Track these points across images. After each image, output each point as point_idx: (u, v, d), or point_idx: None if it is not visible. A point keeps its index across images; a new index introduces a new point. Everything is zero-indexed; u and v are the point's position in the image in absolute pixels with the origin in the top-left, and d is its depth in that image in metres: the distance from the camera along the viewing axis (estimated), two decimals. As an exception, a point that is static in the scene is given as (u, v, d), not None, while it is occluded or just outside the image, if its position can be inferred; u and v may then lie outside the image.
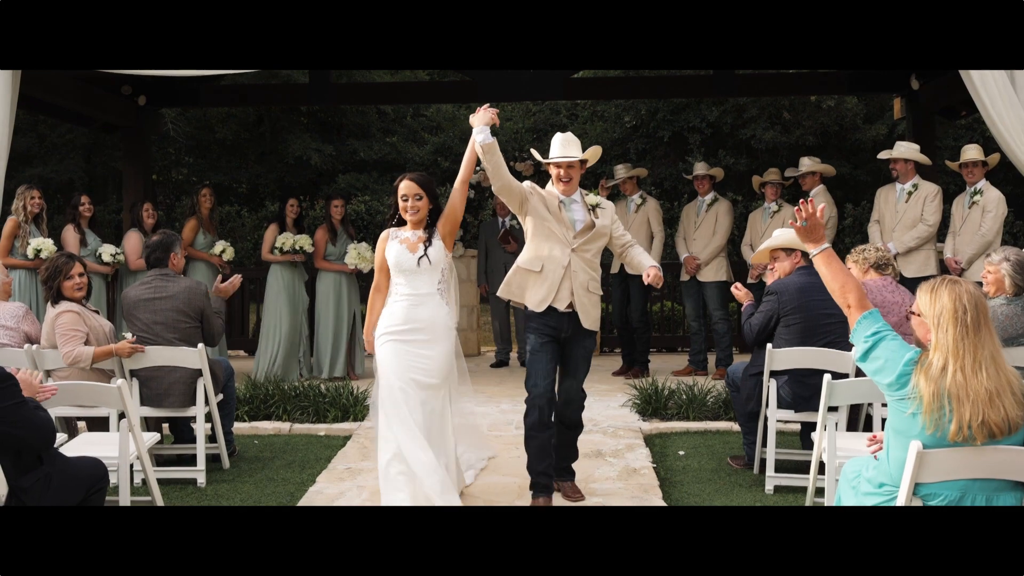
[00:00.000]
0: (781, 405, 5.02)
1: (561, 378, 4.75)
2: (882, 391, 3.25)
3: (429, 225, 4.55)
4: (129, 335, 5.22)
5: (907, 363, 3.12)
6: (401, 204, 4.52)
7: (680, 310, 9.93)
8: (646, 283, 4.58)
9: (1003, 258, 4.66)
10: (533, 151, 4.79)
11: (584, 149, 4.78)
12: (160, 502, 4.51)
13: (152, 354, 5.24)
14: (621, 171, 8.39)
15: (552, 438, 4.66)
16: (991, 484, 3.08)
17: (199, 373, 5.25)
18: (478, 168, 10.72)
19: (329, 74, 9.60)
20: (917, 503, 3.14)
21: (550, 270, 4.60)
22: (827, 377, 4.35)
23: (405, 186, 4.51)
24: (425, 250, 4.45)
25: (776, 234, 5.29)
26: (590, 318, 4.68)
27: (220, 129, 15.34)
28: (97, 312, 5.46)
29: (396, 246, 4.50)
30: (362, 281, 8.42)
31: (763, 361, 5.05)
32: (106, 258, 7.60)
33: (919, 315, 3.21)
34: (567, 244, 4.60)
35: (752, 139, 14.71)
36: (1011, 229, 15.47)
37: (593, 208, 4.71)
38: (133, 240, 7.88)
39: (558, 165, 4.67)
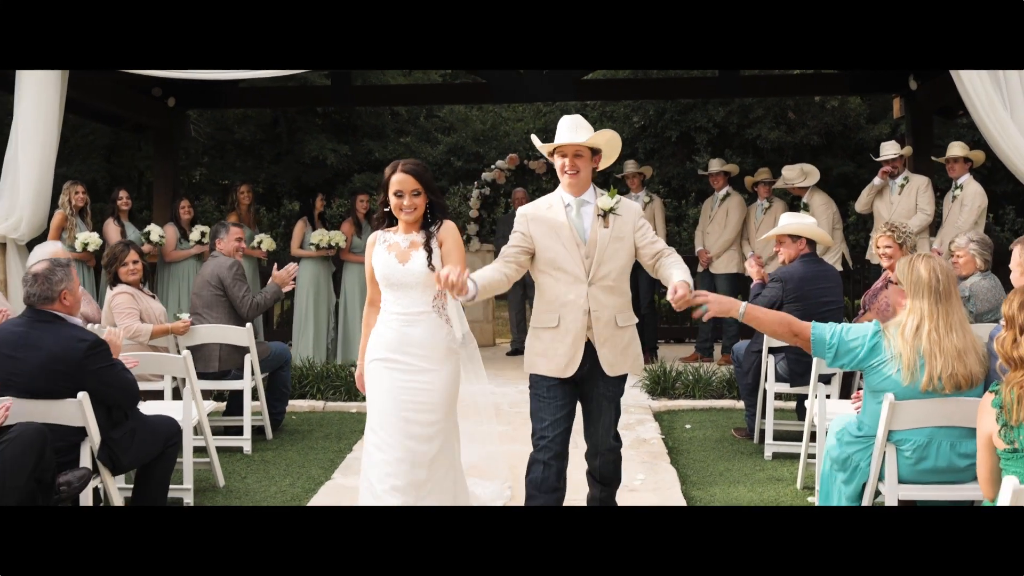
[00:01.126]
0: (778, 379, 5.56)
1: (584, 426, 3.95)
2: (861, 368, 3.78)
3: (426, 225, 3.80)
4: (185, 315, 5.84)
5: (873, 335, 3.69)
6: (394, 202, 3.73)
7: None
8: (670, 299, 3.52)
9: (968, 240, 5.21)
10: (534, 137, 4.06)
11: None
12: (217, 464, 5.09)
13: (203, 331, 5.84)
14: (630, 165, 8.93)
15: (562, 499, 3.87)
16: (954, 432, 3.63)
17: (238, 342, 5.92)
18: (492, 167, 11.25)
19: (349, 77, 10.16)
20: (891, 449, 3.69)
21: (569, 321, 3.74)
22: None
23: (400, 180, 3.71)
24: (429, 258, 3.72)
25: (783, 222, 5.78)
26: (616, 360, 3.81)
27: (238, 130, 15.90)
28: (154, 296, 6.05)
29: (383, 254, 3.76)
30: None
31: (763, 339, 5.59)
32: (154, 238, 8.17)
33: (897, 283, 3.77)
34: (582, 280, 3.73)
35: (758, 139, 15.21)
36: (1012, 226, 15.98)
37: (605, 214, 3.76)
38: (168, 233, 8.45)
39: (563, 153, 3.77)
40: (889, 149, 7.86)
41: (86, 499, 3.91)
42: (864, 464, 3.79)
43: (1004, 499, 2.72)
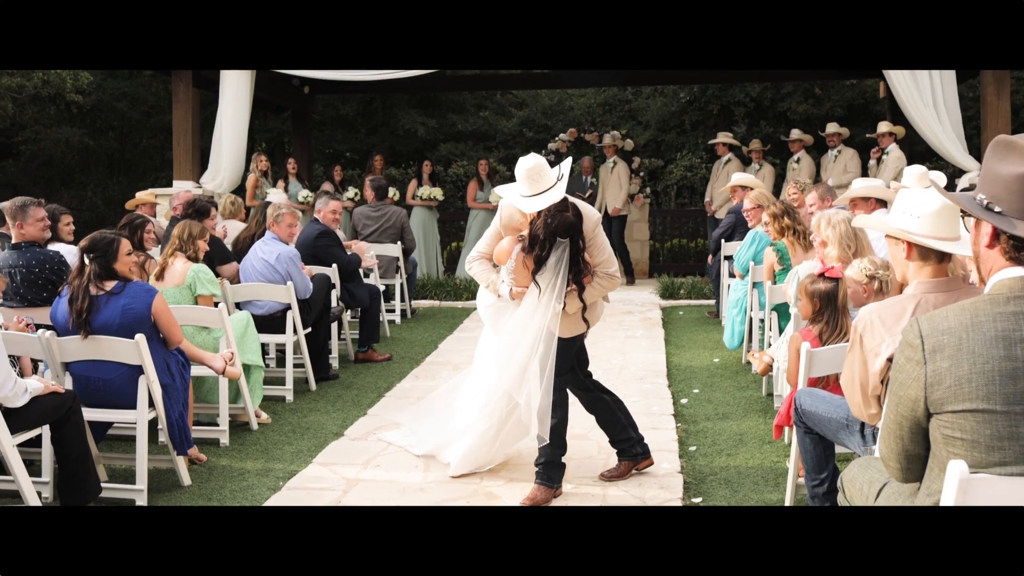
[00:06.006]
0: (731, 276, 9.46)
1: None
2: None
3: None
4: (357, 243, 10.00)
5: (752, 241, 7.61)
6: None
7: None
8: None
9: (814, 190, 8.83)
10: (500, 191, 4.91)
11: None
12: (386, 324, 9.20)
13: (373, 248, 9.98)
14: (607, 139, 13.16)
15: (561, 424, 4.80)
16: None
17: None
18: (556, 138, 15.28)
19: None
20: (755, 291, 7.57)
21: None
22: (740, 248, 8.78)
23: None
24: None
25: (733, 179, 9.70)
26: None
27: (342, 107, 20.13)
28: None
29: None
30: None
31: (721, 250, 9.51)
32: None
33: (758, 207, 7.70)
34: None
35: (788, 111, 18.89)
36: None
37: None
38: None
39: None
40: (829, 128, 11.70)
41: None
42: (744, 300, 7.72)
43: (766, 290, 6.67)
